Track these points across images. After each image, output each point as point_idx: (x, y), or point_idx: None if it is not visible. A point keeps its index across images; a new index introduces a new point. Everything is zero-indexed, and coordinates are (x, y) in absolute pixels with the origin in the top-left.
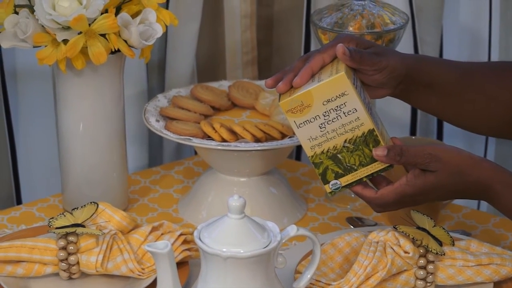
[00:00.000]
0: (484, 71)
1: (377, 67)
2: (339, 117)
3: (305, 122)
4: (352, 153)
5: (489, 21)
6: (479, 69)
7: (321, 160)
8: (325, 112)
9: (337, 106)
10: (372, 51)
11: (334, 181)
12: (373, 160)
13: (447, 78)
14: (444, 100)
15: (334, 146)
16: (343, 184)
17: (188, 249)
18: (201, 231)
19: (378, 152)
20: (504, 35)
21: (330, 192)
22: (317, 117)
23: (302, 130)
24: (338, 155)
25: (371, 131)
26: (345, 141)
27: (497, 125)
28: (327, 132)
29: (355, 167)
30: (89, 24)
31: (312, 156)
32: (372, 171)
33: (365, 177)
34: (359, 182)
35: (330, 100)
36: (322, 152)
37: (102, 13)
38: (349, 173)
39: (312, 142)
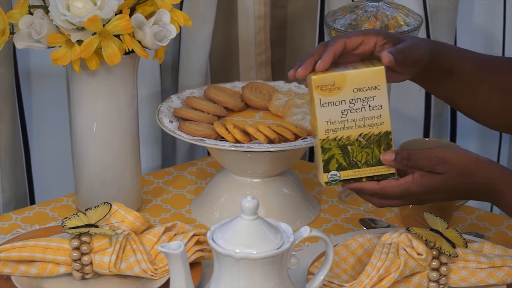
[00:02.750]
0: (500, 66)
1: (416, 60)
2: (363, 109)
3: (330, 103)
4: (362, 149)
5: (503, 23)
6: (496, 64)
7: (330, 147)
8: (352, 99)
9: (365, 97)
10: (407, 46)
11: (334, 172)
12: (379, 163)
13: (464, 68)
14: (460, 90)
15: (348, 136)
16: (341, 178)
17: (201, 250)
18: (214, 232)
19: (386, 156)
20: None
21: (326, 182)
22: (343, 102)
23: (324, 110)
24: (349, 146)
25: (387, 133)
26: (359, 135)
27: (510, 122)
28: (347, 120)
29: (360, 164)
30: (103, 25)
31: (323, 140)
32: (374, 174)
33: (365, 177)
34: (357, 180)
35: (361, 89)
36: (334, 139)
37: (116, 14)
38: (352, 169)
39: (329, 125)
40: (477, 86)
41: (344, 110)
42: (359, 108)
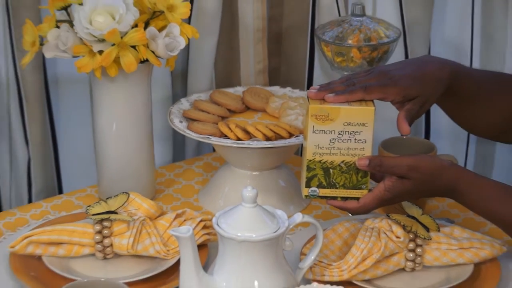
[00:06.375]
0: (496, 85)
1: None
2: (349, 140)
3: (321, 131)
4: (342, 174)
5: (471, 35)
6: (492, 82)
7: (314, 167)
8: (341, 131)
9: (353, 131)
10: (418, 106)
11: (314, 188)
12: (355, 187)
13: (467, 89)
14: (457, 107)
15: (331, 161)
16: (319, 194)
17: (208, 234)
18: (218, 218)
19: (361, 162)
20: (484, 47)
21: (306, 196)
22: (333, 132)
23: (314, 136)
24: (331, 170)
25: None
26: (342, 162)
27: (495, 133)
28: (333, 147)
29: (338, 186)
30: (121, 37)
31: (310, 160)
32: (348, 196)
33: (341, 197)
34: (332, 198)
35: (351, 124)
36: (320, 162)
37: (132, 27)
38: (330, 188)
39: (317, 149)
40: (472, 103)
41: (333, 139)
42: (346, 139)
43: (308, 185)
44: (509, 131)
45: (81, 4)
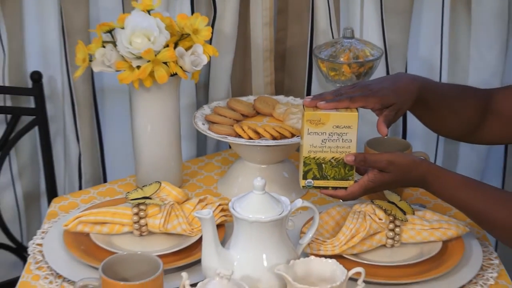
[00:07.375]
0: (456, 94)
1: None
2: (338, 140)
3: (314, 133)
4: (333, 168)
5: (440, 54)
6: (453, 93)
7: (310, 163)
8: (331, 132)
9: (341, 132)
10: (394, 112)
11: (309, 180)
12: (343, 179)
13: (433, 99)
14: (425, 112)
15: (323, 158)
16: (314, 185)
17: (225, 215)
18: (234, 203)
19: (349, 158)
20: (451, 64)
21: (303, 186)
22: (324, 133)
23: (309, 137)
24: (323, 164)
25: None
26: (332, 158)
27: (458, 134)
28: (325, 146)
29: (329, 178)
30: (155, 55)
31: (306, 157)
32: (338, 185)
33: (331, 187)
34: (325, 188)
35: (339, 127)
36: (314, 158)
37: (164, 47)
38: (323, 180)
39: (311, 148)
40: (438, 110)
41: (324, 139)
42: (335, 139)
43: (304, 178)
44: (469, 134)
45: (123, 28)
